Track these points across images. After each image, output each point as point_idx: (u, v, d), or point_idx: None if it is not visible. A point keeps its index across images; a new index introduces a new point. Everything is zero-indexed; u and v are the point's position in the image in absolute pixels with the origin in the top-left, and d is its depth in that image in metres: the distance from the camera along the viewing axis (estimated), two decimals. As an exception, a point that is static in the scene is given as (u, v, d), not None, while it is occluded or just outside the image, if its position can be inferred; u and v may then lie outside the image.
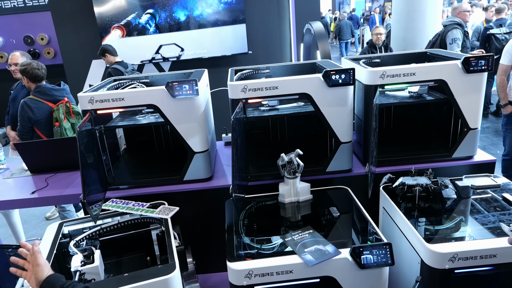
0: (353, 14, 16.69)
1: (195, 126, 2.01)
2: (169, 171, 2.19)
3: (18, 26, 6.39)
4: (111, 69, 4.32)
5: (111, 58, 4.44)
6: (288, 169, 1.87)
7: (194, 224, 2.21)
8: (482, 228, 1.58)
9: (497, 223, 1.61)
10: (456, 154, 2.12)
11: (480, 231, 1.58)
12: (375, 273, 1.49)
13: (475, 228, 1.60)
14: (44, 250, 1.70)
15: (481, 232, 1.57)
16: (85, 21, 5.46)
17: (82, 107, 1.97)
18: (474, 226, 1.62)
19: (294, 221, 1.81)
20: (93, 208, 1.89)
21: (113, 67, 4.31)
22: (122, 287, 1.41)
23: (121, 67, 4.32)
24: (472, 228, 1.60)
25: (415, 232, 1.57)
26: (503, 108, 3.66)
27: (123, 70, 4.27)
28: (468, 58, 1.91)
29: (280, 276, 1.46)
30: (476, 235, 1.55)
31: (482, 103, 2.04)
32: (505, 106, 3.63)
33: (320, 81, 1.90)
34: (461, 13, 5.03)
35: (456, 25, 4.79)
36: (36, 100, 2.92)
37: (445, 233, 1.58)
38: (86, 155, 1.82)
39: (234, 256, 1.52)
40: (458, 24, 4.82)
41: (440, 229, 1.62)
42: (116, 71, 4.25)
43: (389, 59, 2.45)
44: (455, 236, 1.56)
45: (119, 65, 4.37)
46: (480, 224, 1.61)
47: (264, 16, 5.62)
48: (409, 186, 1.85)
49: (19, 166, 2.62)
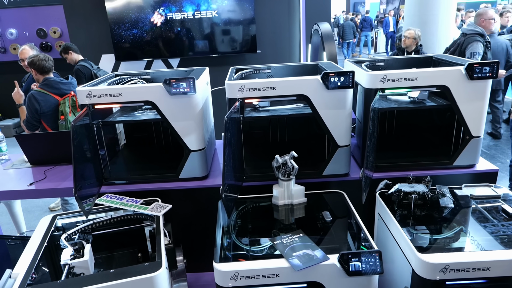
0: (367, 16, 16.54)
1: (191, 124, 2.00)
2: (165, 168, 2.18)
3: (31, 19, 6.48)
4: (79, 65, 4.34)
5: (74, 56, 4.47)
6: (283, 171, 1.85)
7: (188, 222, 2.20)
8: (477, 240, 1.53)
9: (493, 235, 1.56)
10: (457, 162, 2.07)
11: (475, 243, 1.53)
12: (363, 281, 1.46)
13: (469, 240, 1.55)
14: (34, 242, 1.71)
15: (475, 244, 1.52)
16: (97, 15, 5.50)
17: (80, 101, 1.97)
18: (469, 237, 1.57)
19: (285, 224, 1.79)
20: (86, 202, 1.90)
21: (80, 64, 4.34)
22: (106, 283, 1.41)
23: (87, 64, 4.33)
24: (467, 240, 1.56)
25: (408, 240, 1.53)
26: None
27: (91, 68, 4.29)
28: (472, 64, 1.86)
29: (267, 279, 1.44)
30: (470, 247, 1.50)
31: (485, 110, 1.99)
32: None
33: (319, 83, 1.87)
34: (486, 21, 4.65)
35: (478, 37, 4.44)
36: (43, 92, 2.96)
37: (438, 243, 1.55)
38: (81, 150, 1.82)
39: (221, 257, 1.50)
40: (479, 35, 4.47)
41: (433, 239, 1.58)
42: (84, 68, 4.28)
43: (394, 63, 2.41)
44: (448, 247, 1.52)
45: (85, 62, 4.38)
46: (476, 235, 1.57)
47: (274, 15, 5.60)
48: (406, 193, 1.81)
49: (20, 157, 2.64)
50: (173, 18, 5.43)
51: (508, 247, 1.45)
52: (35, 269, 1.59)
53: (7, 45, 6.53)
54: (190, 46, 5.58)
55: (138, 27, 5.44)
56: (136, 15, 5.38)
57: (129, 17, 5.39)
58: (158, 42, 5.54)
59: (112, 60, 5.74)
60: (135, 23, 5.42)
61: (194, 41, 5.56)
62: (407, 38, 4.92)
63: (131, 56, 5.64)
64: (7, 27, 6.52)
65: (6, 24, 6.52)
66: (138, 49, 5.58)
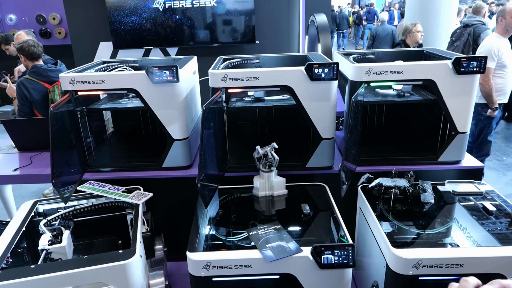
0: (371, 8, 16.35)
1: (175, 113, 1.99)
2: (149, 157, 2.18)
3: (31, 5, 6.44)
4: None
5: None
6: (264, 162, 1.83)
7: (171, 211, 2.20)
8: (454, 237, 1.52)
9: (470, 232, 1.55)
10: (442, 158, 2.05)
11: (450, 239, 1.52)
12: (336, 274, 1.46)
13: (445, 236, 1.54)
14: (13, 227, 1.72)
15: (451, 241, 1.51)
16: (95, 1, 5.46)
17: (64, 87, 1.96)
18: (445, 233, 1.56)
19: (264, 215, 1.78)
20: (68, 189, 1.90)
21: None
22: (79, 269, 1.41)
23: None
24: (442, 236, 1.55)
25: (383, 234, 1.53)
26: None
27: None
28: (459, 58, 1.83)
29: (239, 269, 1.44)
30: (445, 243, 1.49)
31: (472, 106, 1.96)
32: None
33: (303, 74, 1.85)
34: None
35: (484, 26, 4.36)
36: (32, 80, 2.95)
37: (414, 239, 1.54)
38: (61, 136, 1.81)
39: (195, 247, 1.50)
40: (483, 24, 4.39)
41: (409, 234, 1.57)
42: None
43: (384, 56, 2.38)
44: (423, 242, 1.51)
45: None
46: (453, 232, 1.56)
47: (273, 6, 5.54)
48: (386, 187, 1.80)
49: (8, 143, 2.65)
50: (172, 6, 5.39)
51: (483, 244, 1.44)
52: (12, 253, 1.59)
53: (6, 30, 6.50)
54: (188, 35, 5.54)
55: (137, 14, 5.41)
56: (135, 2, 5.34)
57: (128, 4, 5.35)
58: (157, 31, 5.50)
59: (110, 48, 5.71)
60: (134, 10, 5.38)
61: (193, 30, 5.52)
62: (421, 33, 4.56)
63: (129, 44, 5.61)
64: (6, 12, 6.50)
65: (6, 10, 6.50)
66: (136, 37, 5.54)
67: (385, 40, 7.92)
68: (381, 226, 1.58)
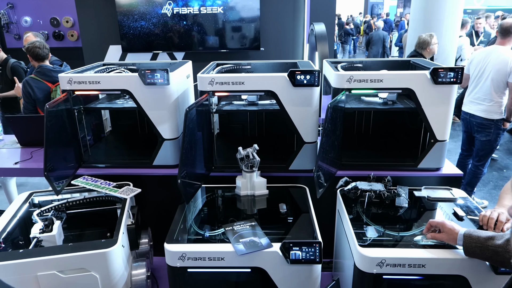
0: (387, 18, 16.52)
1: (165, 114, 2.10)
2: (140, 155, 2.29)
3: (45, 7, 6.67)
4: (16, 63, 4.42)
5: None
6: (246, 163, 1.92)
7: (159, 207, 2.29)
8: (419, 239, 1.58)
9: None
10: (421, 164, 2.11)
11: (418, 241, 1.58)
12: (305, 270, 1.53)
13: (411, 238, 1.60)
14: (7, 216, 1.83)
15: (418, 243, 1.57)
16: (105, 6, 5.66)
17: (62, 87, 2.08)
18: (413, 235, 1.62)
19: (243, 213, 1.87)
20: (62, 182, 2.02)
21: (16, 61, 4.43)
22: (63, 254, 1.51)
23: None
24: (410, 237, 1.61)
25: (353, 234, 1.60)
26: None
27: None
28: (437, 69, 1.90)
29: (212, 261, 1.52)
30: (410, 244, 1.55)
31: (451, 115, 2.02)
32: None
33: (286, 80, 1.94)
34: None
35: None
36: (36, 79, 3.10)
37: (382, 239, 1.60)
38: (56, 132, 1.93)
39: (173, 239, 1.60)
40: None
41: (379, 234, 1.63)
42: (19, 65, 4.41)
43: (372, 65, 2.45)
44: (388, 243, 1.57)
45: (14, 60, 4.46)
46: (419, 234, 1.62)
47: (279, 14, 5.66)
48: (362, 190, 1.87)
49: (12, 138, 2.79)
50: (180, 12, 5.55)
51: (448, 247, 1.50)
52: (5, 240, 1.71)
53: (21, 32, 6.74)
54: (195, 40, 5.69)
55: (146, 19, 5.58)
56: (144, 8, 5.52)
57: (137, 9, 5.52)
58: (164, 36, 5.66)
59: (119, 51, 5.89)
60: (143, 15, 5.56)
61: (199, 36, 5.66)
62: (437, 44, 4.39)
63: (138, 48, 5.78)
64: (22, 14, 6.74)
65: (22, 12, 6.74)
66: (144, 41, 5.71)
67: (378, 43, 11.28)
68: (353, 226, 1.65)
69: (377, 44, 11.26)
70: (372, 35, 11.53)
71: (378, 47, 11.26)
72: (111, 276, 1.58)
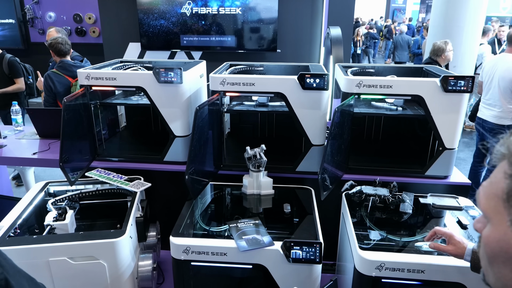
0: (410, 23, 16.38)
1: (177, 111, 2.16)
2: (153, 151, 2.35)
3: (69, 4, 6.87)
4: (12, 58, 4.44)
5: None
6: (253, 162, 1.96)
7: (169, 202, 2.35)
8: (420, 245, 1.59)
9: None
10: (429, 172, 2.11)
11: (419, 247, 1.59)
12: (305, 269, 1.57)
13: (413, 244, 1.62)
14: (23, 204, 1.92)
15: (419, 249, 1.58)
16: (127, 4, 5.79)
17: (80, 82, 2.17)
18: (414, 241, 1.63)
19: (249, 211, 1.91)
20: (76, 173, 2.10)
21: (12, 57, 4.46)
22: (74, 242, 1.59)
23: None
24: (411, 243, 1.62)
25: (354, 237, 1.62)
26: None
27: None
28: (447, 77, 1.90)
29: (215, 256, 1.57)
30: (411, 250, 1.57)
31: (460, 123, 2.02)
32: None
33: (295, 83, 1.97)
34: None
35: None
36: (57, 74, 3.22)
37: (383, 243, 1.62)
38: (72, 125, 2.01)
39: (178, 232, 1.65)
40: None
41: (380, 239, 1.65)
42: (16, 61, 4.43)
43: (384, 70, 2.46)
44: (388, 247, 1.59)
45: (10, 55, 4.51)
46: (421, 241, 1.63)
47: (297, 16, 5.68)
48: (367, 195, 1.89)
49: (32, 129, 2.90)
50: (198, 12, 5.64)
51: (446, 254, 1.50)
52: (20, 226, 1.79)
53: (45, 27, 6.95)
54: (212, 40, 5.77)
55: (166, 18, 5.68)
56: (164, 7, 5.62)
57: (157, 7, 5.63)
58: (183, 34, 5.76)
59: (138, 48, 6.01)
60: (162, 14, 5.67)
61: (217, 36, 5.74)
62: (452, 51, 4.24)
63: (156, 46, 5.90)
64: (46, 10, 6.95)
65: (46, 8, 6.95)
66: (163, 40, 5.82)
67: (404, 47, 11.27)
68: (355, 230, 1.67)
69: (403, 48, 11.24)
70: (398, 40, 11.48)
71: (404, 51, 11.25)
72: (118, 265, 1.65)
